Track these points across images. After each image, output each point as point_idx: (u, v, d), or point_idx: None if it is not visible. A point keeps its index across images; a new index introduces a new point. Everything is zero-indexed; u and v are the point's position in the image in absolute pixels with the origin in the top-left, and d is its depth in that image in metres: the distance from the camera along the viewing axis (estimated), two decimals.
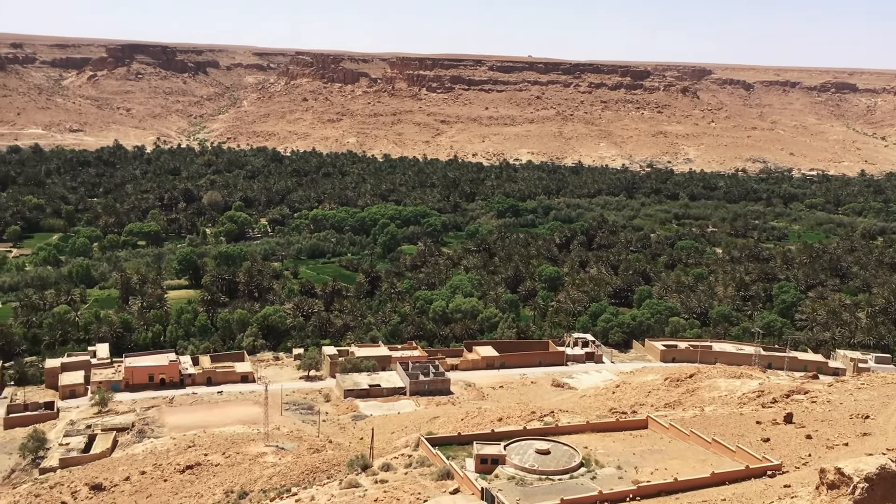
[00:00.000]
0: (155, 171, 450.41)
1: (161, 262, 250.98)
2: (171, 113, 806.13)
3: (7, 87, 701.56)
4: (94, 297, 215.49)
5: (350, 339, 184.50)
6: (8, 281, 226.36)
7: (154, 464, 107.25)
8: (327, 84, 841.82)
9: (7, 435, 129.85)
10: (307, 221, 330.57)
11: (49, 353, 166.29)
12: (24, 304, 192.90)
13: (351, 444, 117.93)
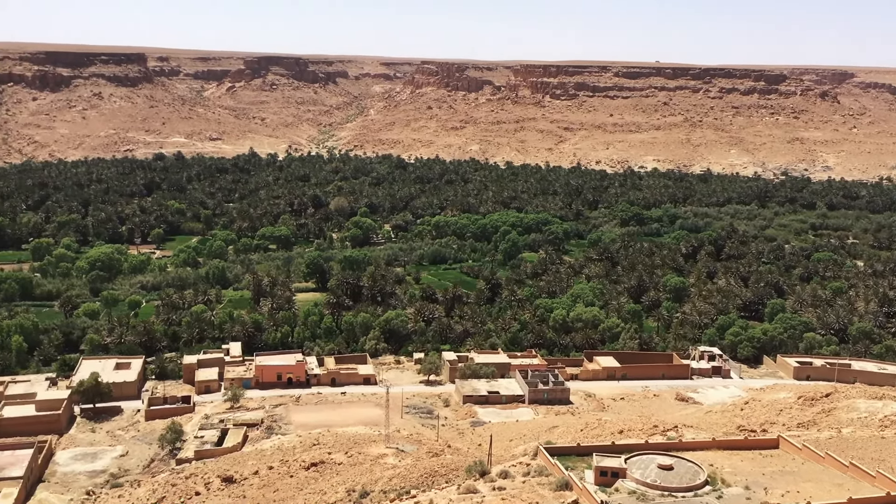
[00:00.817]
0: (286, 177, 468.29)
1: (290, 266, 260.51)
2: (303, 122, 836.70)
3: (154, 98, 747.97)
4: (229, 297, 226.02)
5: (470, 345, 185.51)
6: (151, 281, 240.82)
7: (281, 459, 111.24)
8: (451, 92, 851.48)
9: (148, 426, 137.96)
10: (429, 228, 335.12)
11: (187, 349, 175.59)
12: (166, 303, 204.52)
13: (469, 449, 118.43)
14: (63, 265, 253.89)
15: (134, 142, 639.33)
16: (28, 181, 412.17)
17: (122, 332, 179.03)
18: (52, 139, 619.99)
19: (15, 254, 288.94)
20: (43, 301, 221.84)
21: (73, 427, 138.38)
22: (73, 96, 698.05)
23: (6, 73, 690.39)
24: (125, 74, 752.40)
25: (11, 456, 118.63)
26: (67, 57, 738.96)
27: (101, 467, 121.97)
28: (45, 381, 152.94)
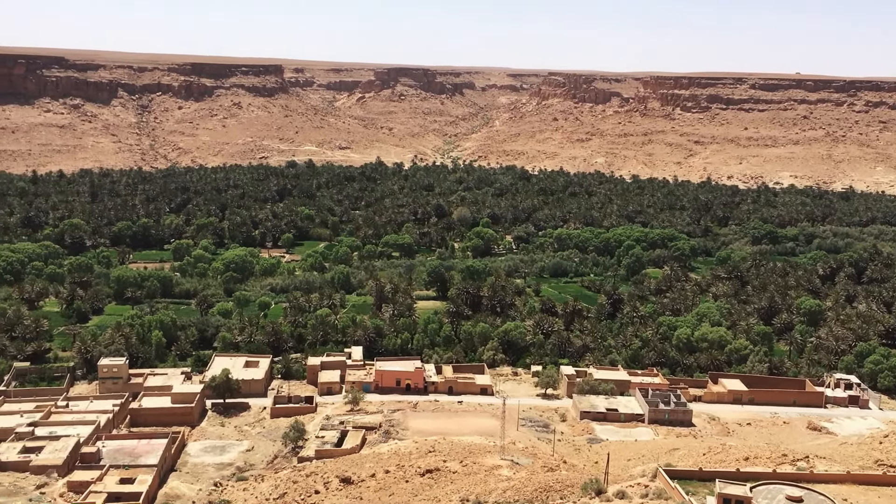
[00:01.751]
0: (411, 186, 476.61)
1: (412, 273, 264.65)
2: (428, 132, 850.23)
3: (289, 108, 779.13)
4: (352, 302, 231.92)
5: (588, 360, 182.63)
6: (280, 283, 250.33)
7: (397, 464, 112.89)
8: (578, 104, 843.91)
9: (273, 423, 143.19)
10: (551, 240, 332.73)
11: (311, 351, 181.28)
12: (293, 306, 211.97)
13: (585, 466, 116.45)
14: (200, 266, 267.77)
15: (269, 149, 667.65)
16: (172, 185, 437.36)
17: (251, 331, 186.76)
18: (194, 146, 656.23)
19: (158, 253, 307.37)
20: (181, 299, 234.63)
21: (205, 420, 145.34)
22: (215, 105, 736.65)
23: (156, 83, 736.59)
24: (263, 85, 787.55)
25: (148, 445, 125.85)
26: (211, 68, 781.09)
27: (228, 460, 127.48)
28: (181, 375, 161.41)
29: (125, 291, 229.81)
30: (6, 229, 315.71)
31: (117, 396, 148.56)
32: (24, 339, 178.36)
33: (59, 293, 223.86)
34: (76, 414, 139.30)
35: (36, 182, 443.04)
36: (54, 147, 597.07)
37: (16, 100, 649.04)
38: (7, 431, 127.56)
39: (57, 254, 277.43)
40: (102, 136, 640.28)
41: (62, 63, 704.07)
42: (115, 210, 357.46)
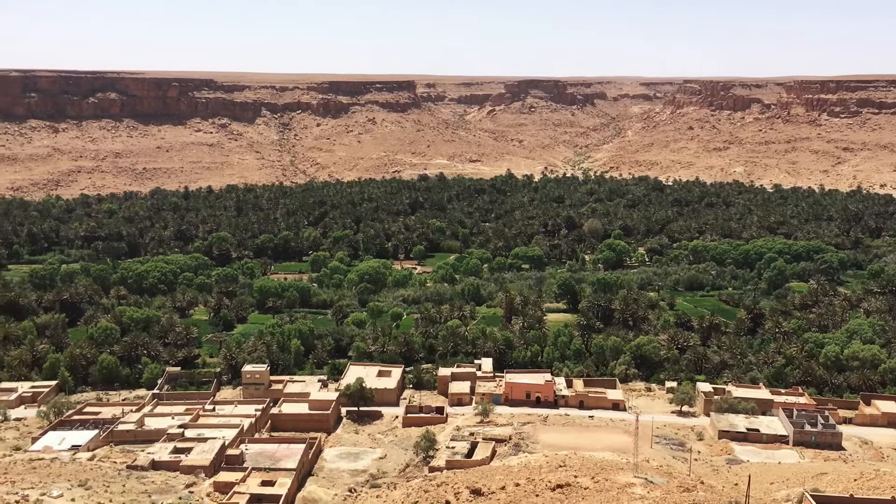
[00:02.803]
0: (541, 198, 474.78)
1: (542, 286, 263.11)
2: (559, 143, 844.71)
3: (421, 122, 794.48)
4: (482, 314, 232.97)
5: (727, 377, 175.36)
6: (412, 295, 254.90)
7: (527, 478, 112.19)
8: (715, 112, 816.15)
9: (405, 432, 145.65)
10: (686, 252, 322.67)
11: (442, 362, 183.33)
12: (424, 317, 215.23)
13: (724, 488, 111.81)
14: (336, 277, 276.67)
15: (401, 163, 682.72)
16: (310, 199, 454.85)
17: (384, 341, 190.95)
18: (331, 161, 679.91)
19: (297, 265, 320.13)
20: (318, 309, 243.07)
21: (340, 427, 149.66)
22: (351, 122, 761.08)
23: (295, 102, 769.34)
24: (396, 101, 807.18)
25: (287, 449, 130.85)
26: (347, 86, 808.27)
27: (362, 467, 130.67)
28: (318, 383, 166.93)
29: (267, 301, 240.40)
30: (161, 242, 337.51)
31: (259, 402, 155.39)
32: (175, 345, 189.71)
33: (207, 302, 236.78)
34: (222, 417, 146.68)
35: (187, 198, 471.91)
36: (204, 164, 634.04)
37: (170, 120, 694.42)
38: (160, 432, 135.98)
39: (206, 265, 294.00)
40: (247, 153, 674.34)
41: (211, 85, 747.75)
42: (258, 223, 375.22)
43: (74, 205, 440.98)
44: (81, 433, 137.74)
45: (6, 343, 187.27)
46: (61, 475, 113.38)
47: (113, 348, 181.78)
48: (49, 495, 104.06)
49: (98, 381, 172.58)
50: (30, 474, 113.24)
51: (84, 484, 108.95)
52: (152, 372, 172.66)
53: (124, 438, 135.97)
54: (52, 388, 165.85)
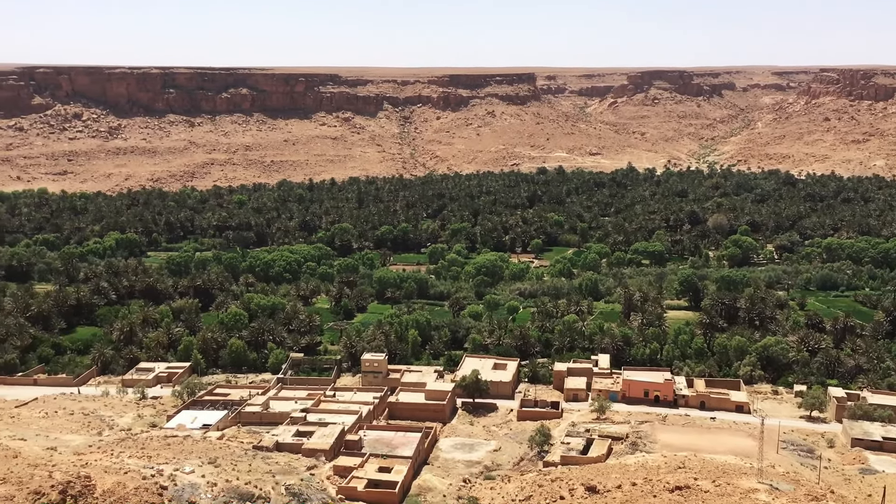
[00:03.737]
0: (663, 192, 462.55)
1: (662, 282, 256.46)
2: (683, 136, 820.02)
3: (540, 115, 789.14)
4: (599, 309, 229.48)
5: (862, 382, 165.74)
6: (528, 288, 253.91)
7: (644, 477, 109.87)
8: (854, 102, 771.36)
9: (519, 426, 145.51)
10: (819, 250, 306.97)
11: (558, 356, 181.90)
12: (541, 311, 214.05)
13: (857, 499, 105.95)
14: (454, 269, 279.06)
15: (520, 156, 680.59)
16: (429, 192, 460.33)
17: (500, 334, 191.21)
18: (450, 154, 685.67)
19: (415, 256, 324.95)
20: (435, 300, 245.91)
21: (455, 418, 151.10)
22: (470, 115, 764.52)
23: (416, 96, 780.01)
24: (516, 93, 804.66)
25: (403, 437, 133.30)
26: (467, 79, 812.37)
27: (476, 458, 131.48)
28: (434, 373, 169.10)
29: (386, 292, 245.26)
30: (287, 232, 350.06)
31: (377, 390, 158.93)
32: (299, 332, 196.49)
33: (329, 291, 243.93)
34: (341, 403, 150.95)
35: (312, 189, 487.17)
36: (328, 157, 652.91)
37: (296, 115, 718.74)
38: (284, 415, 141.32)
39: (328, 255, 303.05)
40: (369, 146, 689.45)
41: (336, 80, 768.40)
42: (378, 215, 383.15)
43: (208, 195, 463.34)
44: (212, 413, 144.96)
45: (145, 325, 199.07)
46: (193, 452, 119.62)
47: (241, 333, 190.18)
48: (182, 471, 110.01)
49: (227, 364, 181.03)
50: (164, 450, 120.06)
51: (214, 461, 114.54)
52: (277, 357, 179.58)
53: (251, 420, 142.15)
54: (185, 369, 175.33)
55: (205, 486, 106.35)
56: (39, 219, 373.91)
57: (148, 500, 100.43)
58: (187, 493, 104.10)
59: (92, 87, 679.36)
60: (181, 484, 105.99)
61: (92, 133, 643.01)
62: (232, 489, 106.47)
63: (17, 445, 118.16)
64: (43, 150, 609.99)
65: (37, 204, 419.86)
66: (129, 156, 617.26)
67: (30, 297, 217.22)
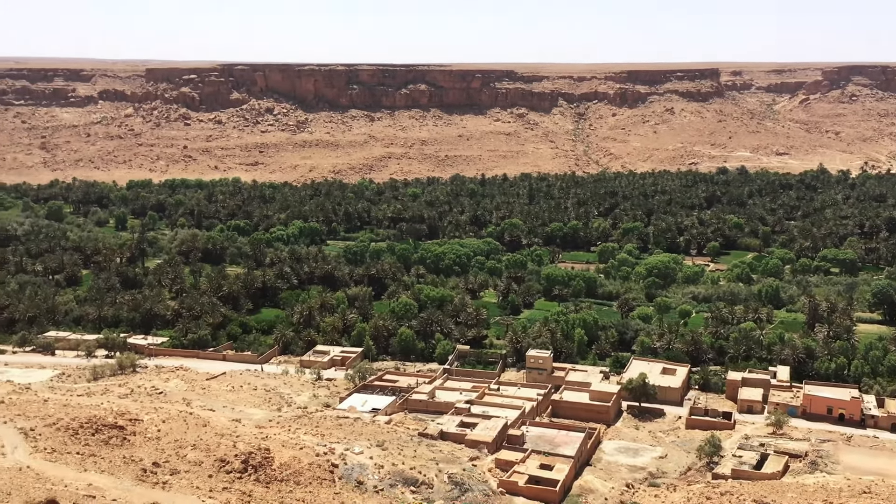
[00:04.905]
0: (858, 196, 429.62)
1: (853, 292, 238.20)
2: (883, 136, 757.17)
3: (723, 112, 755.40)
4: (780, 318, 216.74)
5: None
6: (703, 292, 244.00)
7: (824, 499, 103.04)
8: None
9: (687, 434, 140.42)
10: None
11: (732, 365, 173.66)
12: (715, 316, 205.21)
13: None
14: (624, 269, 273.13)
15: (699, 155, 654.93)
16: (601, 190, 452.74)
17: (670, 338, 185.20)
18: (624, 152, 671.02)
19: (584, 255, 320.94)
20: (603, 300, 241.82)
21: (619, 421, 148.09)
22: (647, 112, 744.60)
23: (592, 92, 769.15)
24: (697, 90, 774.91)
25: (566, 436, 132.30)
26: (645, 75, 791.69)
27: (641, 464, 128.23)
28: (599, 374, 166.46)
29: (553, 289, 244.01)
30: (457, 226, 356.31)
31: (541, 387, 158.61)
32: (466, 324, 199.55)
33: (496, 286, 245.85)
34: (505, 398, 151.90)
35: (483, 184, 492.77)
36: (500, 153, 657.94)
37: (472, 110, 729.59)
38: (449, 405, 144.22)
39: (497, 250, 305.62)
40: (542, 142, 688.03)
41: (511, 76, 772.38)
42: (548, 212, 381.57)
43: (384, 188, 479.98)
44: (381, 398, 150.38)
45: (322, 310, 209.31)
46: (362, 434, 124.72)
47: (411, 323, 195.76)
48: (352, 451, 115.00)
49: (397, 351, 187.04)
50: (336, 430, 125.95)
51: (381, 444, 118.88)
52: (444, 348, 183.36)
53: (417, 407, 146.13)
54: (358, 354, 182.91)
55: (372, 467, 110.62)
56: (233, 206, 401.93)
57: (320, 475, 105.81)
58: (356, 472, 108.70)
59: (283, 84, 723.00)
60: (351, 463, 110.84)
61: (281, 127, 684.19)
62: (397, 472, 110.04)
63: (207, 415, 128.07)
64: (238, 142, 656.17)
65: (231, 192, 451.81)
66: (313, 148, 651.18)
67: (222, 278, 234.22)
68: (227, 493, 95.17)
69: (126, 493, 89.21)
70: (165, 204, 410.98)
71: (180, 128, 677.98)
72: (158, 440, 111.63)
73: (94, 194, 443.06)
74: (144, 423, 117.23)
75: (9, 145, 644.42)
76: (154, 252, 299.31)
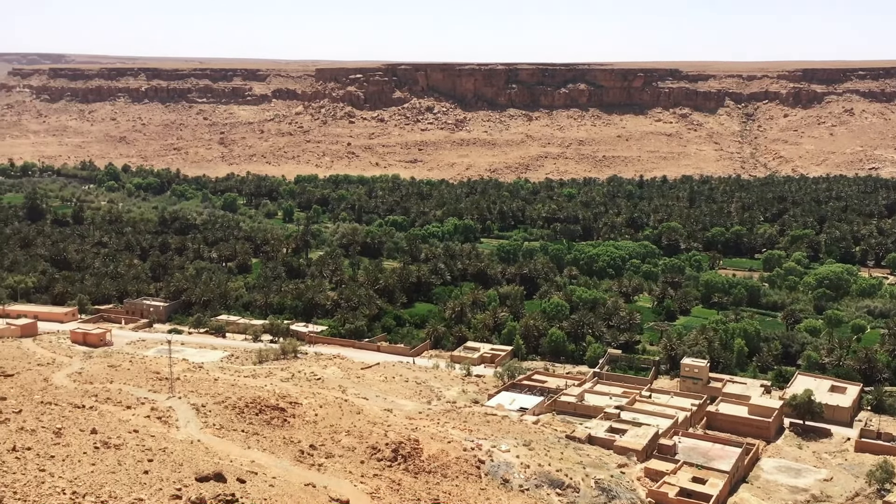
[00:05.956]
0: None
1: None
2: None
3: None
4: None
5: None
6: (880, 307, 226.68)
7: None
8: None
9: (856, 457, 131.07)
10: None
11: None
12: (893, 333, 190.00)
13: None
14: (790, 278, 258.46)
15: (880, 160, 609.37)
16: (768, 194, 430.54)
17: (841, 354, 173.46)
18: (796, 154, 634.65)
19: (748, 261, 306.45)
20: (766, 310, 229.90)
21: (780, 439, 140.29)
22: (823, 112, 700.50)
23: (762, 92, 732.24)
24: (881, 89, 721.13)
25: (721, 450, 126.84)
26: (822, 73, 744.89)
27: (803, 485, 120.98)
28: (760, 388, 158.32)
29: (712, 296, 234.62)
30: (613, 228, 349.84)
31: (696, 396, 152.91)
32: (618, 328, 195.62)
33: (651, 291, 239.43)
34: (656, 406, 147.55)
35: (641, 186, 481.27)
36: (660, 154, 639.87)
37: (631, 110, 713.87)
38: (598, 409, 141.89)
39: (653, 254, 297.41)
40: (705, 143, 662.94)
41: (675, 75, 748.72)
42: (709, 216, 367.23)
43: (539, 188, 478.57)
44: (529, 397, 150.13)
45: (474, 307, 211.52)
46: (509, 432, 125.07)
47: (562, 324, 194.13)
48: (499, 448, 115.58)
49: (546, 352, 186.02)
50: (484, 426, 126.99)
51: (528, 444, 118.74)
52: (594, 351, 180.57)
53: (565, 409, 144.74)
54: (507, 352, 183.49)
55: (518, 466, 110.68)
56: (391, 202, 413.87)
57: (467, 470, 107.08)
58: (502, 469, 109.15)
59: (444, 83, 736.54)
60: (497, 460, 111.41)
61: (441, 125, 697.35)
62: (543, 473, 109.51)
63: (361, 403, 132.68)
64: (398, 139, 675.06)
65: (390, 188, 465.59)
66: (470, 147, 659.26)
67: (378, 272, 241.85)
68: (377, 479, 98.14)
69: (285, 472, 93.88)
70: (329, 198, 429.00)
71: (345, 125, 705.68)
72: (315, 424, 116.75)
73: (265, 187, 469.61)
74: (303, 407, 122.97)
75: (192, 140, 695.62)
76: (317, 244, 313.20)
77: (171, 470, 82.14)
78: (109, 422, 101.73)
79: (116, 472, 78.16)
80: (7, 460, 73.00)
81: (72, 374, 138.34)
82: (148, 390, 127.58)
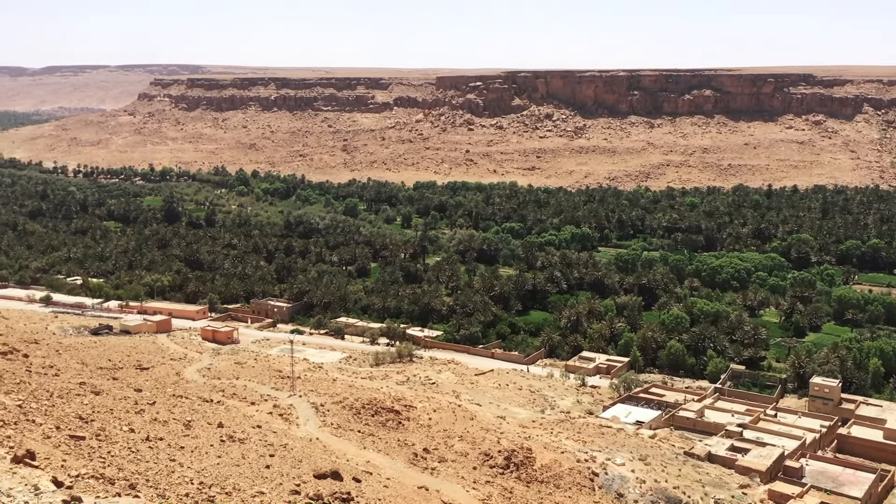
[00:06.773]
0: None
1: None
2: None
3: None
4: None
5: None
6: None
7: None
8: None
9: None
10: None
11: None
12: None
13: None
14: None
15: None
16: None
17: None
18: None
19: (886, 277, 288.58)
20: None
21: None
22: None
23: None
24: None
25: (852, 475, 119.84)
26: None
27: None
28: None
29: (846, 312, 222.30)
30: (738, 239, 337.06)
31: (826, 418, 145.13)
32: (742, 343, 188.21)
33: (778, 305, 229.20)
34: (782, 425, 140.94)
35: (769, 196, 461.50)
36: (791, 163, 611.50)
37: (760, 117, 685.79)
38: (718, 426, 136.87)
39: (781, 266, 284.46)
40: (841, 152, 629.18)
41: (808, 80, 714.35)
42: (844, 228, 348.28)
43: (660, 196, 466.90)
44: (645, 411, 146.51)
45: (590, 317, 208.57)
46: (625, 445, 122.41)
47: (681, 337, 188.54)
48: (613, 461, 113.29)
49: (664, 365, 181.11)
50: (598, 438, 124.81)
51: (644, 458, 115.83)
52: (716, 366, 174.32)
53: (683, 425, 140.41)
54: (624, 364, 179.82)
55: (633, 480, 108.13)
56: (508, 209, 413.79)
57: (580, 482, 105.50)
58: (616, 483, 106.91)
59: (563, 90, 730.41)
60: (612, 474, 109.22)
61: (559, 132, 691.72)
62: (660, 490, 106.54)
63: (474, 409, 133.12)
64: (517, 146, 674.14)
65: (507, 195, 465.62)
66: (589, 154, 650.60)
67: (494, 278, 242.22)
68: (489, 486, 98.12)
69: (399, 473, 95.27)
70: (446, 205, 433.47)
71: (464, 133, 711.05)
72: (429, 428, 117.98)
73: (385, 193, 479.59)
74: (417, 411, 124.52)
75: (316, 147, 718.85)
76: (434, 250, 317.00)
77: (290, 466, 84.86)
78: (235, 416, 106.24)
79: (240, 465, 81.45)
80: (141, 449, 77.29)
81: (201, 370, 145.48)
82: (271, 388, 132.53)
